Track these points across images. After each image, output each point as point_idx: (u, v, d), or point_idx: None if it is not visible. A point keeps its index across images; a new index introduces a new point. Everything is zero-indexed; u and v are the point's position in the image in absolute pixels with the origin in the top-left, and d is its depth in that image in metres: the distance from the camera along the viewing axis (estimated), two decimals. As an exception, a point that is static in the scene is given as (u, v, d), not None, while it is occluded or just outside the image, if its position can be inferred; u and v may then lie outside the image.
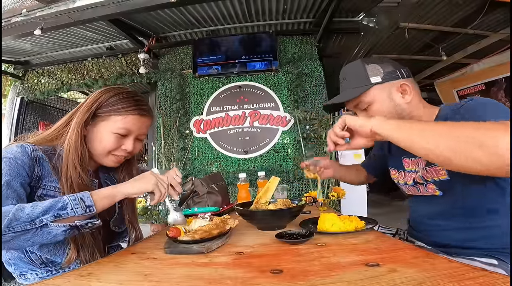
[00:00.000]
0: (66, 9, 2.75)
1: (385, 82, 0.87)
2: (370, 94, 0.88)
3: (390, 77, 0.87)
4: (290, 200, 1.03)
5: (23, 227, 0.60)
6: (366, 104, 0.89)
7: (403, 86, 0.87)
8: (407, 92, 0.87)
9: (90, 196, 0.69)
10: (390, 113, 0.87)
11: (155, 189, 0.78)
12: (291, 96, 3.44)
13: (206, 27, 3.66)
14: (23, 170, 0.72)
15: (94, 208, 0.68)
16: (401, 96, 0.87)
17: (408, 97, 0.87)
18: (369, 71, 0.88)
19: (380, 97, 0.87)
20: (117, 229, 0.94)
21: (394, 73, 0.88)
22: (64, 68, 4.07)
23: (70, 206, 0.65)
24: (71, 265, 0.80)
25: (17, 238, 0.61)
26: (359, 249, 0.65)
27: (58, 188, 0.78)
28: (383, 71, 0.87)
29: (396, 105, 0.87)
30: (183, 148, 3.50)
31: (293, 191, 3.28)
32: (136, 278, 0.55)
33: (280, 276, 0.52)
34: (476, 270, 0.48)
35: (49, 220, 0.62)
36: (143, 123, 0.88)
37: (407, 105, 0.87)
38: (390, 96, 0.87)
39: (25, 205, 0.63)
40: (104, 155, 0.86)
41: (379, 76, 0.87)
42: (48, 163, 0.78)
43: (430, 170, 0.85)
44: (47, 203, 0.64)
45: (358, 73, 0.89)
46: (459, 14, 3.20)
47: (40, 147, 0.79)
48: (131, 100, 0.85)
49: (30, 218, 0.61)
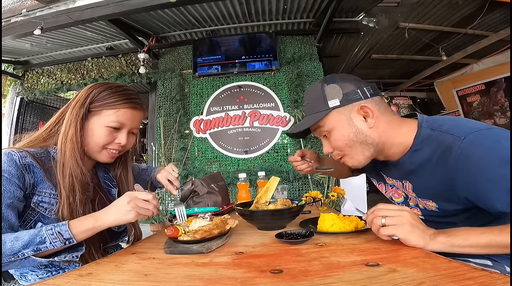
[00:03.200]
0: (66, 9, 2.76)
1: (344, 105, 0.78)
2: (328, 120, 0.80)
3: (350, 99, 0.78)
4: (290, 200, 1.03)
5: (8, 260, 0.63)
6: (325, 131, 0.82)
7: (364, 109, 0.77)
8: (369, 115, 0.78)
9: (69, 229, 0.67)
10: (351, 141, 0.79)
11: (137, 216, 0.73)
12: (291, 96, 3.44)
13: (206, 27, 3.66)
14: (10, 185, 0.70)
15: (73, 240, 0.67)
16: (363, 120, 0.78)
17: (371, 121, 0.78)
18: (328, 93, 0.79)
19: (339, 123, 0.79)
20: (116, 228, 0.94)
21: (354, 93, 0.78)
22: (64, 68, 4.07)
23: (48, 240, 0.65)
24: (71, 265, 0.80)
25: (7, 266, 0.64)
26: (359, 249, 0.65)
27: (53, 194, 0.77)
28: (342, 92, 0.78)
29: (357, 131, 0.78)
30: (183, 148, 3.50)
31: (293, 191, 3.28)
32: (136, 278, 0.55)
33: (280, 276, 0.52)
34: (476, 270, 0.48)
35: (30, 254, 0.63)
36: (136, 116, 0.88)
37: (371, 130, 0.78)
38: (350, 121, 0.79)
39: (6, 237, 0.64)
40: (98, 150, 0.86)
41: (338, 99, 0.78)
42: (40, 168, 0.76)
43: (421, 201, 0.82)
44: (26, 237, 0.64)
45: (318, 97, 0.81)
46: (459, 14, 3.20)
47: (31, 150, 0.77)
48: (123, 94, 0.86)
49: (12, 252, 0.63)
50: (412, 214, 0.65)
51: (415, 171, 0.78)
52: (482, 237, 0.62)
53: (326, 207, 1.37)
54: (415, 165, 0.77)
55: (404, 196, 0.88)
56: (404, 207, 0.68)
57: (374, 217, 0.67)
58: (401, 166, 0.81)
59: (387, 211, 0.66)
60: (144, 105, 0.94)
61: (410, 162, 0.78)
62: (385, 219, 0.65)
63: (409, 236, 0.62)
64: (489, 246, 0.62)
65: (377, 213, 0.67)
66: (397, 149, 0.80)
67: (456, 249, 0.63)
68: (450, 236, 0.63)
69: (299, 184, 3.31)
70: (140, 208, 0.73)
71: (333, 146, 0.84)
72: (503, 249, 0.60)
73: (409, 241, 0.63)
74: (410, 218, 0.64)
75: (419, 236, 0.62)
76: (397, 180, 0.87)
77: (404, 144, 0.78)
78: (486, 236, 0.62)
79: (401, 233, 0.63)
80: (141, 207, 0.73)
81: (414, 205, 0.85)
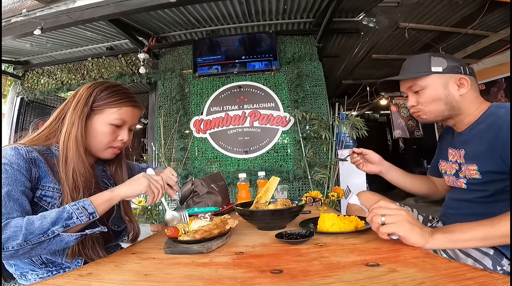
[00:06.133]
0: (66, 9, 2.75)
1: (446, 73, 0.90)
2: (427, 79, 0.92)
3: (452, 70, 0.90)
4: (290, 200, 1.03)
5: (38, 239, 0.63)
6: (419, 87, 0.93)
7: (462, 80, 0.90)
8: (464, 85, 0.90)
9: (91, 203, 0.71)
10: (440, 101, 0.91)
11: (148, 190, 0.80)
12: (291, 96, 3.43)
13: (206, 27, 3.65)
14: (21, 175, 0.72)
15: (96, 214, 0.71)
16: (457, 88, 0.90)
17: (463, 90, 0.90)
18: (433, 61, 0.91)
19: (435, 84, 0.91)
20: (116, 228, 0.94)
21: (457, 68, 0.90)
22: (64, 68, 4.07)
23: (75, 215, 0.68)
24: (72, 265, 0.81)
25: (35, 249, 0.64)
26: (359, 249, 0.65)
27: (56, 188, 0.78)
28: (447, 64, 0.91)
29: (449, 94, 0.90)
30: (183, 148, 3.50)
31: (293, 191, 3.28)
32: (136, 278, 0.55)
33: (280, 276, 0.52)
34: (476, 270, 0.48)
35: (60, 230, 0.65)
36: (136, 113, 0.94)
37: (460, 97, 0.90)
38: (446, 85, 0.90)
39: (33, 217, 0.65)
40: (102, 149, 0.89)
41: (441, 67, 0.90)
42: (45, 163, 0.78)
43: (467, 168, 0.91)
44: (53, 214, 0.66)
45: (422, 62, 0.93)
46: (459, 14, 3.20)
47: (35, 147, 0.78)
48: (123, 93, 0.91)
49: (42, 230, 0.64)
50: (409, 213, 0.67)
51: (472, 138, 0.90)
52: (477, 229, 0.65)
53: (326, 207, 1.37)
54: (474, 134, 0.90)
55: (457, 168, 0.97)
56: (401, 207, 0.70)
57: (374, 216, 0.68)
58: (463, 135, 0.95)
59: (386, 209, 0.67)
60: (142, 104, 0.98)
61: (470, 132, 0.91)
62: (384, 218, 0.66)
63: (408, 234, 0.64)
64: (485, 238, 0.64)
65: (376, 211, 0.68)
66: (469, 120, 0.92)
67: (455, 244, 0.66)
68: (447, 232, 0.66)
69: (299, 184, 3.31)
70: (152, 182, 0.81)
71: (419, 101, 0.95)
72: (501, 239, 0.64)
73: (409, 238, 0.63)
74: (408, 217, 0.66)
75: (418, 233, 0.64)
76: (456, 149, 0.98)
77: (475, 117, 0.91)
78: (480, 228, 0.65)
79: (401, 231, 0.64)
80: (154, 181, 0.81)
81: (463, 176, 0.95)
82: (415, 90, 0.95)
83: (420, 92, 0.94)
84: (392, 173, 1.18)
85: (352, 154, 1.19)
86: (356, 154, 1.18)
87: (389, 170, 1.18)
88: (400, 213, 0.66)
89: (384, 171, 1.17)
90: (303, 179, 3.28)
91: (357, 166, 1.20)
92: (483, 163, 0.86)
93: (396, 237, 0.65)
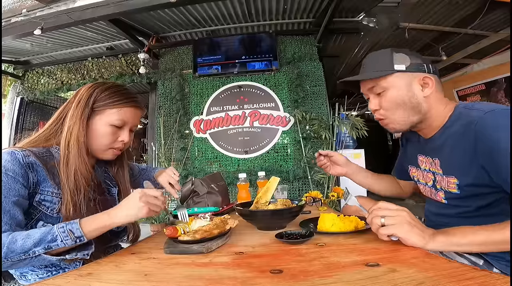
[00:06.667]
0: (66, 9, 2.75)
1: (409, 72, 0.83)
2: (388, 80, 0.84)
3: (415, 68, 0.83)
4: (290, 200, 1.03)
5: (18, 258, 0.63)
6: (382, 89, 0.85)
7: (425, 79, 0.83)
8: (428, 85, 0.83)
9: (80, 227, 0.68)
10: (403, 103, 0.83)
11: (149, 212, 0.74)
12: (291, 96, 3.43)
13: (206, 27, 3.65)
14: (15, 183, 0.70)
15: (84, 238, 0.68)
16: (421, 89, 0.83)
17: (428, 91, 0.83)
18: (395, 58, 0.84)
19: (398, 84, 0.83)
20: (116, 228, 0.94)
21: (421, 65, 0.84)
22: (64, 68, 4.06)
23: (59, 238, 0.65)
24: (71, 265, 0.80)
25: (16, 265, 0.64)
26: (359, 249, 0.65)
27: (55, 193, 0.77)
28: (410, 61, 0.84)
29: (412, 95, 0.83)
30: (183, 148, 3.50)
31: (293, 191, 3.28)
32: (136, 278, 0.55)
33: (280, 276, 0.52)
34: (476, 270, 0.48)
35: (41, 251, 0.64)
36: (136, 114, 0.92)
37: (424, 99, 0.83)
38: (410, 86, 0.83)
39: (18, 235, 0.64)
40: (103, 150, 0.88)
41: (404, 65, 0.83)
42: (43, 167, 0.76)
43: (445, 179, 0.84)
44: (38, 235, 0.65)
45: (384, 59, 0.85)
46: (459, 14, 3.20)
47: (33, 150, 0.77)
48: (124, 93, 0.89)
49: (23, 250, 0.63)
50: (410, 214, 0.66)
51: (444, 146, 0.82)
52: (478, 234, 0.64)
53: (326, 207, 1.37)
54: (445, 140, 0.82)
55: (433, 178, 0.90)
56: (402, 208, 0.68)
57: (373, 217, 0.67)
58: (433, 141, 0.87)
59: (386, 210, 0.67)
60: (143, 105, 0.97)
61: (441, 138, 0.84)
62: (384, 219, 0.66)
63: (408, 235, 0.63)
64: (485, 243, 0.63)
65: (376, 212, 0.67)
66: (436, 124, 0.85)
67: (455, 247, 0.64)
68: (448, 235, 0.65)
69: (299, 184, 3.31)
70: (151, 204, 0.74)
71: (382, 105, 0.87)
72: (499, 246, 0.62)
73: (408, 240, 0.63)
74: (408, 218, 0.65)
75: (418, 235, 0.63)
76: (428, 157, 0.90)
77: (442, 121, 0.84)
78: (481, 233, 0.64)
79: (401, 232, 0.64)
80: (152, 203, 0.74)
81: (440, 188, 0.87)
82: (377, 92, 0.87)
83: (382, 94, 0.86)
84: (359, 175, 1.15)
85: (319, 156, 1.15)
86: (322, 156, 1.14)
87: (356, 172, 1.14)
88: (401, 213, 0.65)
89: (350, 172, 1.14)
90: (303, 179, 3.28)
91: (324, 168, 1.16)
92: (462, 174, 0.78)
93: (396, 238, 0.65)
